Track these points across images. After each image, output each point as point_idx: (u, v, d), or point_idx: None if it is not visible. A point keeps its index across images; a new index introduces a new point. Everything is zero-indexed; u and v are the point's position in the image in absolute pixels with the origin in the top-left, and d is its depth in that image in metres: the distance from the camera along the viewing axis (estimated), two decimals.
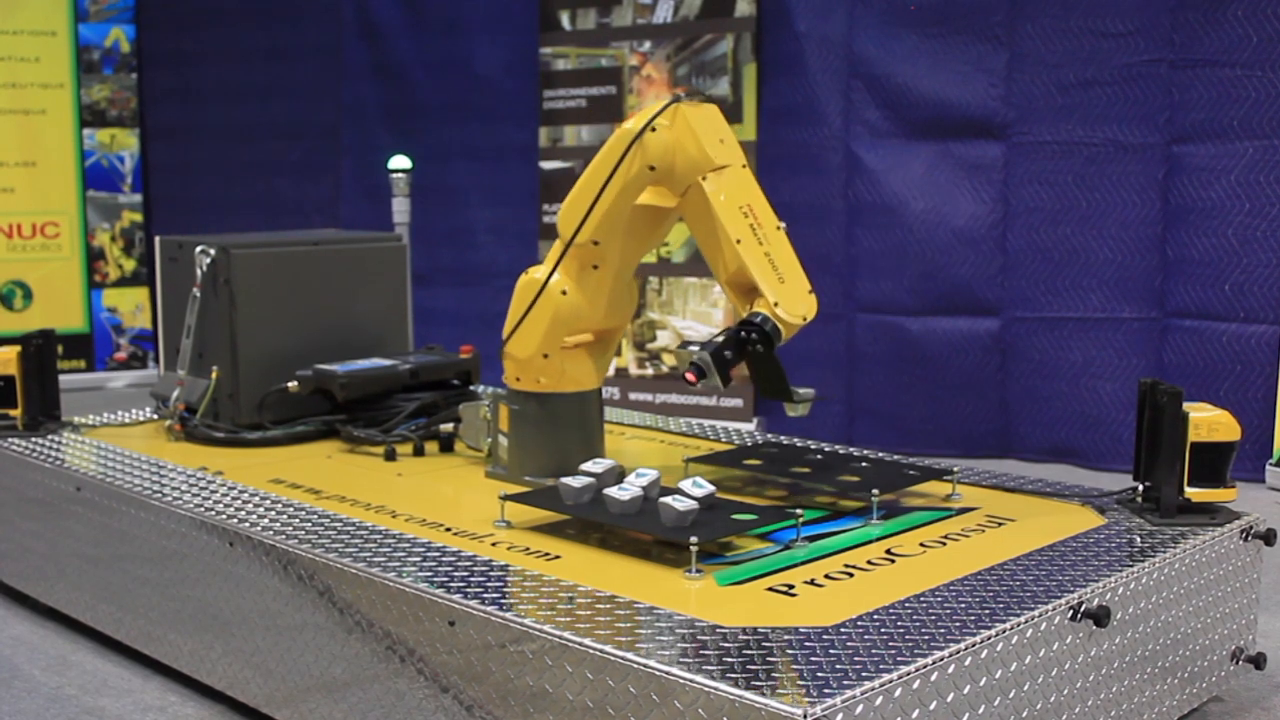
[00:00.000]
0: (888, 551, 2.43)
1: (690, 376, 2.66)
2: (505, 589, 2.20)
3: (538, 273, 2.92)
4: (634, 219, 2.89)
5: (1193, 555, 2.47)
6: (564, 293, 2.88)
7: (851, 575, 2.28)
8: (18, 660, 3.07)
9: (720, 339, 2.67)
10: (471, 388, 3.69)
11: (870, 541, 2.50)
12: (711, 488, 2.53)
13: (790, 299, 2.68)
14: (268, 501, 2.79)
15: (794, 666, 1.83)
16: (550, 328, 2.88)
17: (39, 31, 6.78)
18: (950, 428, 5.21)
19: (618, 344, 3.13)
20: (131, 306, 7.11)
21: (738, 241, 2.69)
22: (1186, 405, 2.60)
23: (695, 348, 2.68)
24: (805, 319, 2.69)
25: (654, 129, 2.73)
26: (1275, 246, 4.64)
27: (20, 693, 2.87)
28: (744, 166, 2.79)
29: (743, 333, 2.65)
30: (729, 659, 1.85)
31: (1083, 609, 2.15)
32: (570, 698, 1.95)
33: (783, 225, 2.76)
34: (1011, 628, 2.01)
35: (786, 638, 1.95)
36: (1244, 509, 2.68)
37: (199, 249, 3.51)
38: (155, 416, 3.77)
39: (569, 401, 2.97)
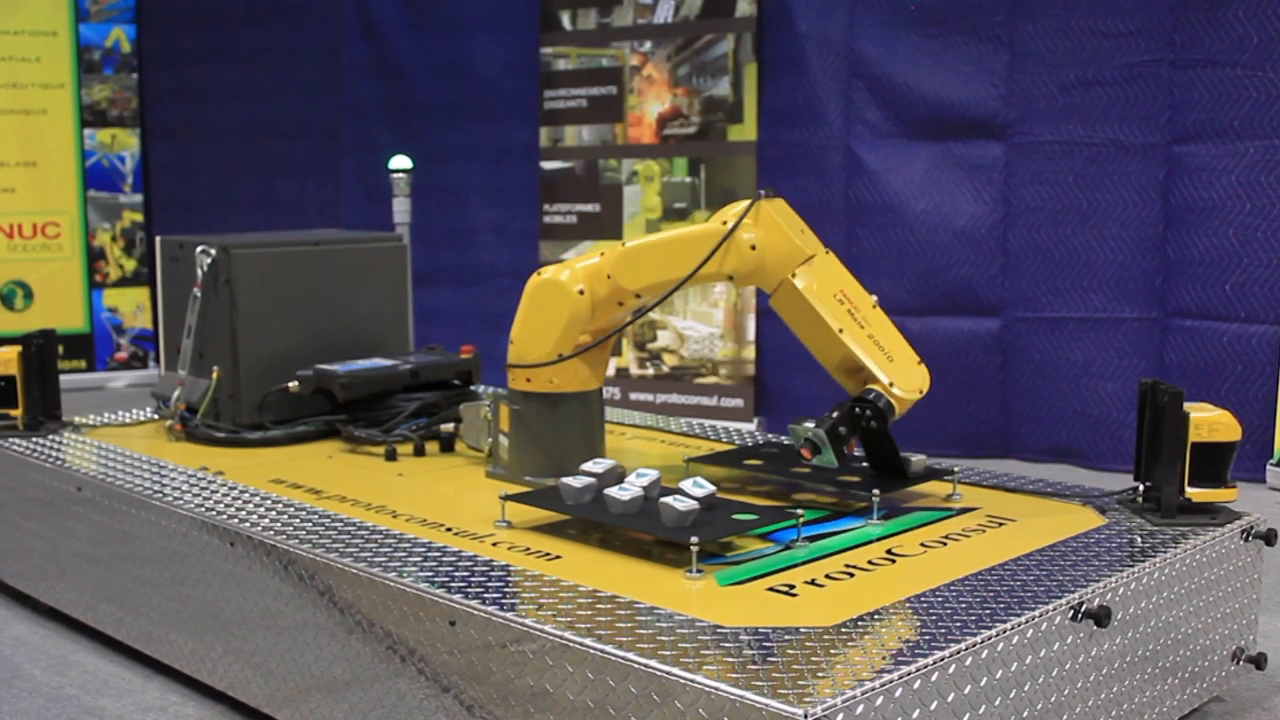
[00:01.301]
0: (888, 551, 2.43)
1: (806, 453, 2.69)
2: (506, 589, 2.20)
3: (547, 272, 2.93)
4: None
5: (1193, 555, 2.47)
6: (581, 293, 2.89)
7: (852, 575, 2.28)
8: (18, 660, 3.07)
9: (835, 415, 2.69)
10: (472, 388, 3.69)
11: (871, 541, 2.50)
12: (712, 488, 2.53)
13: (903, 376, 2.74)
14: (268, 501, 2.79)
15: (794, 666, 1.83)
16: (568, 327, 2.89)
17: (40, 31, 6.78)
18: (951, 427, 5.21)
19: (615, 343, 3.13)
20: (132, 306, 7.11)
21: (840, 330, 2.74)
22: (1187, 405, 2.60)
23: (810, 425, 2.71)
24: (921, 392, 2.75)
25: (754, 246, 2.75)
26: (1276, 246, 4.64)
27: (21, 692, 2.87)
28: (827, 252, 2.83)
29: (857, 409, 2.69)
30: (729, 659, 1.85)
31: (1083, 609, 2.15)
32: (571, 698, 1.95)
33: (876, 299, 2.82)
34: (1012, 628, 2.01)
35: (787, 638, 1.95)
36: (1245, 509, 2.68)
37: (200, 249, 3.51)
38: (156, 416, 3.77)
39: (570, 401, 2.97)
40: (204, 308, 3.53)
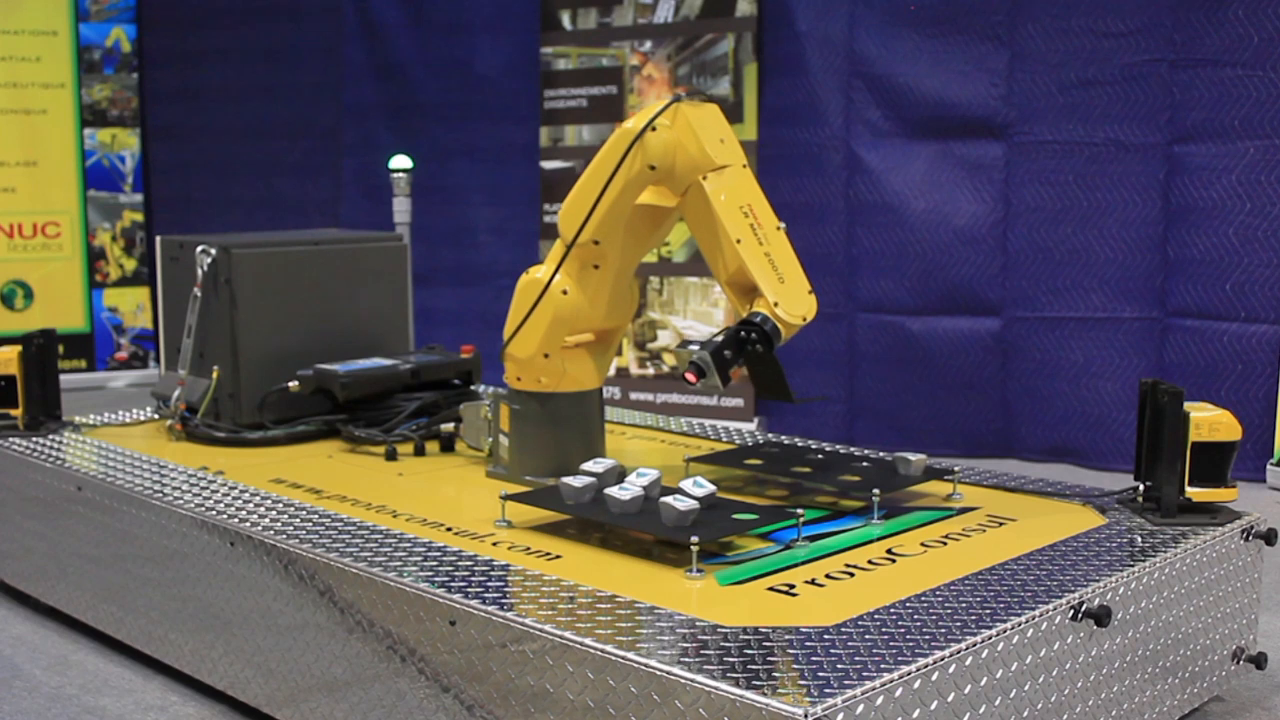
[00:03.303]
0: (888, 551, 2.43)
1: (690, 376, 2.65)
2: (506, 589, 2.20)
3: (539, 272, 2.92)
4: (635, 218, 2.89)
5: (1193, 555, 2.47)
6: (565, 292, 2.88)
7: (852, 575, 2.28)
8: (19, 660, 3.07)
9: (720, 339, 2.66)
10: (472, 387, 3.69)
11: (871, 541, 2.50)
12: (712, 487, 2.53)
13: (790, 299, 2.67)
14: (269, 501, 2.79)
15: (795, 666, 1.83)
16: (551, 327, 2.88)
17: (40, 31, 6.78)
18: (951, 427, 5.21)
19: (619, 344, 3.13)
20: (132, 306, 7.11)
21: (738, 241, 2.68)
22: (1187, 405, 2.60)
23: (695, 347, 2.67)
24: (805, 319, 2.69)
25: (655, 129, 2.73)
26: (1276, 246, 4.64)
27: (21, 692, 2.87)
28: (744, 166, 2.79)
29: (742, 332, 2.63)
30: (730, 659, 1.85)
31: (1083, 609, 2.15)
32: (571, 697, 1.95)
33: (783, 226, 2.76)
34: (1012, 627, 2.01)
35: (787, 637, 1.95)
36: (1245, 509, 2.68)
37: (200, 249, 3.51)
38: (156, 416, 3.77)
39: (570, 401, 2.97)
40: (204, 307, 3.53)
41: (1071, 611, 2.14)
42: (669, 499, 2.41)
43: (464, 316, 6.34)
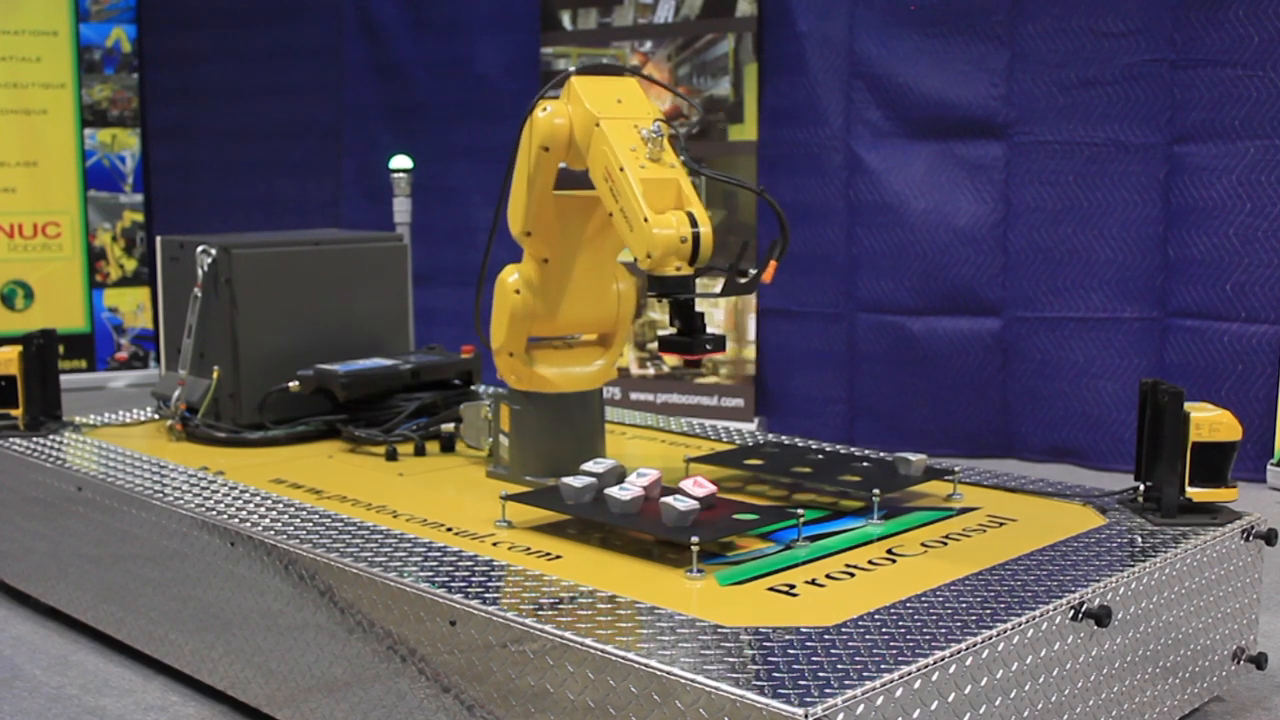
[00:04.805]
0: (889, 551, 2.43)
1: (684, 361, 2.63)
2: (506, 589, 2.20)
3: (512, 275, 2.96)
4: (570, 209, 2.89)
5: (1194, 555, 2.47)
6: (517, 292, 2.91)
7: (853, 575, 2.28)
8: (19, 660, 3.07)
9: (675, 323, 2.62)
10: (472, 387, 3.69)
11: (871, 541, 2.50)
12: (713, 487, 2.53)
13: (638, 245, 2.53)
14: (269, 501, 2.79)
15: (795, 666, 1.83)
16: (510, 326, 2.91)
17: (40, 31, 6.78)
18: (951, 428, 5.21)
19: (620, 347, 3.13)
20: (133, 306, 7.11)
21: (610, 215, 2.63)
22: (1188, 405, 2.60)
23: (664, 335, 2.64)
24: (650, 255, 2.50)
25: (544, 110, 2.73)
26: (1277, 246, 4.64)
27: (21, 692, 2.87)
28: (622, 119, 2.67)
29: (665, 301, 2.58)
30: (730, 659, 1.85)
31: (1084, 609, 2.15)
32: (571, 698, 1.95)
33: (647, 133, 2.60)
34: (1012, 628, 2.01)
35: (787, 638, 1.95)
36: (1245, 509, 2.68)
37: (200, 249, 3.51)
38: (156, 416, 3.77)
39: (570, 401, 2.97)
40: (204, 308, 3.53)
41: (1072, 612, 2.14)
42: (669, 499, 2.41)
43: (464, 316, 6.31)
